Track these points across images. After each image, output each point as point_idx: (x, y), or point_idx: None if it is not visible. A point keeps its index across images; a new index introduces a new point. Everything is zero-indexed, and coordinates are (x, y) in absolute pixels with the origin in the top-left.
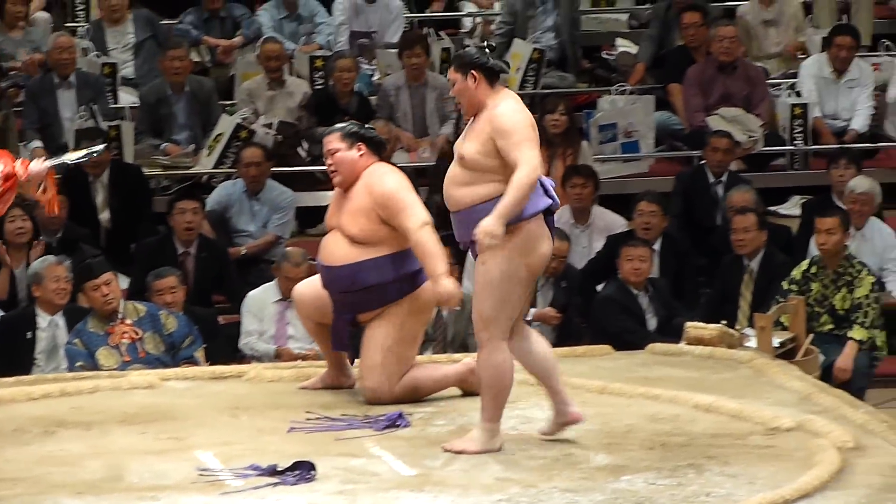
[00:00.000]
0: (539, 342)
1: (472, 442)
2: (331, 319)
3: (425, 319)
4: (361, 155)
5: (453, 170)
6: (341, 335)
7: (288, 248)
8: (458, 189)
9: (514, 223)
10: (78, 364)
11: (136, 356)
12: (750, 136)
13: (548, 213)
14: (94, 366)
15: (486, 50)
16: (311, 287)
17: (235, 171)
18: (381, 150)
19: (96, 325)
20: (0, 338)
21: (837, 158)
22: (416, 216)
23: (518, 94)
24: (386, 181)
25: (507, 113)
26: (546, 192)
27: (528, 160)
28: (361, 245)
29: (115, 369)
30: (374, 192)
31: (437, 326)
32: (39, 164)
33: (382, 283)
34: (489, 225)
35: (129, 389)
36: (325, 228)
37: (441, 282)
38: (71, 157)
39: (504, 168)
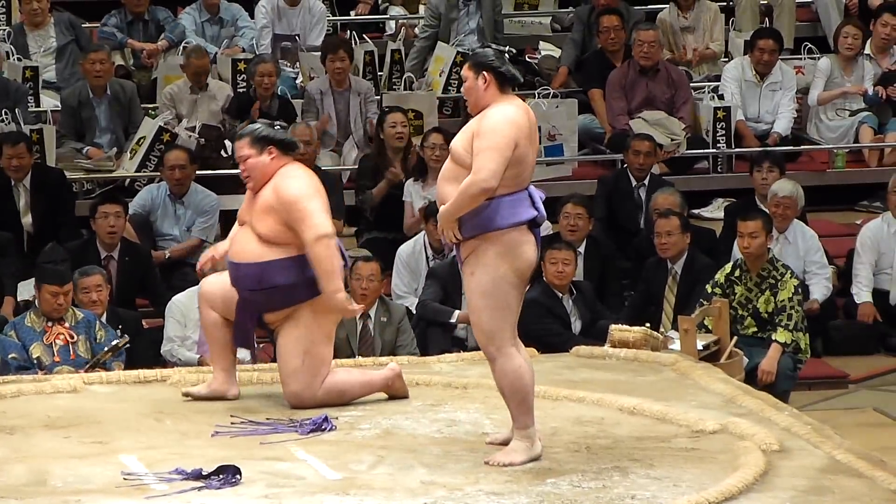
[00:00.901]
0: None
1: (516, 453)
2: (233, 315)
3: (336, 318)
4: (273, 158)
5: (445, 165)
6: (247, 333)
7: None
8: (445, 184)
9: (495, 231)
10: (11, 356)
11: (67, 358)
12: (672, 140)
13: (534, 224)
14: (26, 358)
15: (505, 55)
16: (220, 281)
17: (158, 174)
18: (291, 149)
19: (34, 322)
20: None
21: (760, 161)
22: (313, 227)
23: (441, 98)
24: (291, 186)
25: (493, 116)
26: (533, 203)
27: (481, 170)
28: (269, 244)
29: (46, 366)
30: (280, 195)
31: (364, 342)
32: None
33: (289, 283)
34: (440, 215)
35: (53, 393)
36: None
37: (332, 298)
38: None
39: None
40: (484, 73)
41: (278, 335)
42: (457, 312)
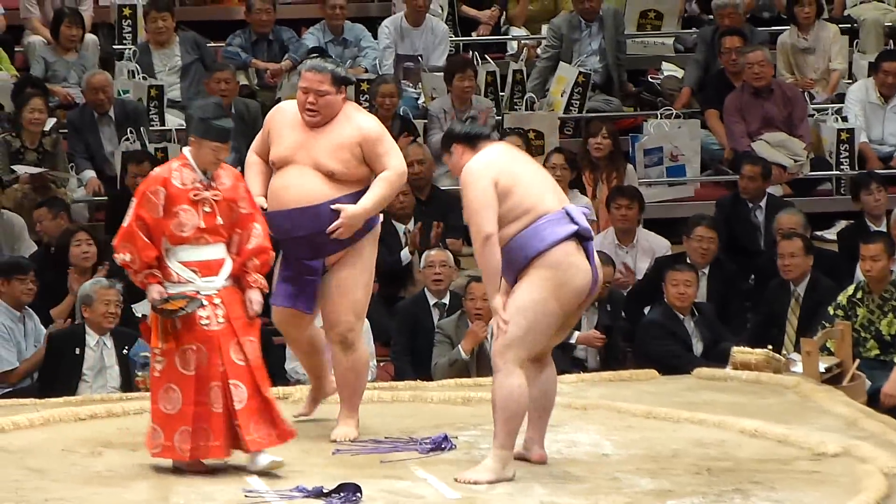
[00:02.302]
0: (551, 379)
1: (485, 471)
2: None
3: (376, 252)
4: (344, 98)
5: None
6: (314, 291)
7: None
8: None
9: (538, 255)
10: (143, 354)
11: None
12: (796, 161)
13: (582, 239)
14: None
15: (466, 120)
16: (287, 312)
17: None
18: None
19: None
20: (50, 352)
21: (868, 183)
22: (400, 158)
23: (562, 118)
24: (372, 123)
25: (461, 182)
26: (572, 219)
27: (472, 228)
28: (339, 182)
29: None
30: (365, 131)
31: (482, 363)
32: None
33: None
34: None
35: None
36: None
37: (360, 208)
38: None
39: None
40: (453, 146)
41: (336, 269)
42: (576, 333)
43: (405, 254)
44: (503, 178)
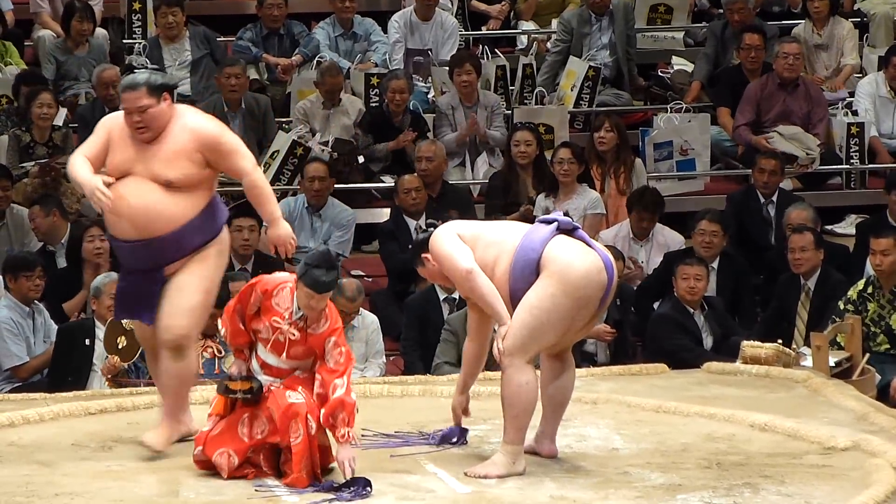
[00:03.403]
0: (570, 378)
1: (494, 466)
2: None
3: (225, 263)
4: (168, 104)
5: None
6: (156, 301)
7: (343, 280)
8: None
9: (536, 263)
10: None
11: (212, 372)
12: (808, 154)
13: (563, 232)
14: None
15: (428, 226)
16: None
17: (291, 188)
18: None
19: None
20: (60, 345)
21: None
22: (247, 156)
23: (572, 112)
24: (209, 124)
25: (438, 258)
26: (546, 221)
27: (454, 276)
28: (178, 191)
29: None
30: (201, 135)
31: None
32: None
33: (209, 229)
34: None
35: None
36: (376, 246)
37: (280, 224)
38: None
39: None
40: (422, 256)
41: (176, 275)
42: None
43: None
44: (465, 232)
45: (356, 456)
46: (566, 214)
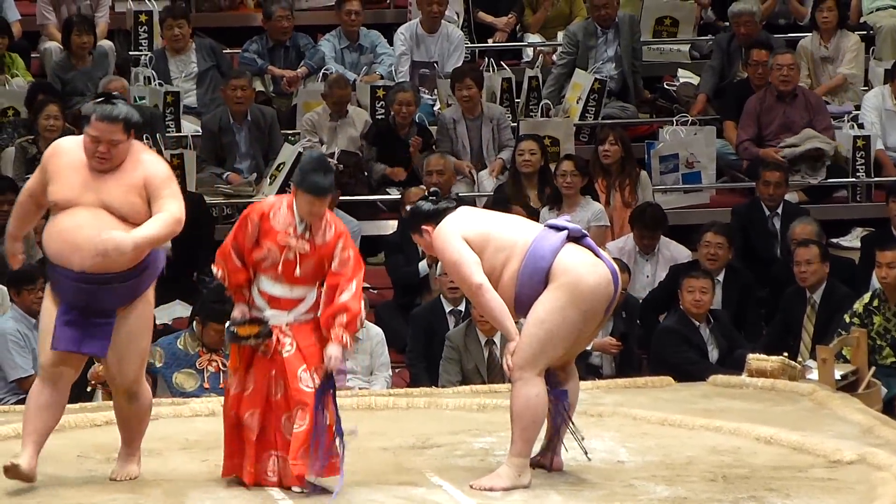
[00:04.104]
0: (574, 391)
1: (500, 478)
2: None
3: None
4: (130, 140)
5: None
6: (107, 333)
7: None
8: None
9: (545, 272)
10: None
11: (216, 386)
12: (829, 144)
13: (577, 240)
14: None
15: (431, 195)
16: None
17: None
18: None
19: (188, 345)
20: None
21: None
22: (179, 206)
23: (578, 125)
24: (161, 166)
25: (438, 251)
26: (557, 228)
27: (463, 285)
28: (129, 226)
29: (189, 394)
30: (153, 174)
31: (493, 369)
32: None
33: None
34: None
35: (191, 416)
36: (382, 258)
37: None
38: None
39: None
40: (422, 227)
41: (125, 315)
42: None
43: (423, 266)
44: (472, 233)
45: (342, 357)
46: None
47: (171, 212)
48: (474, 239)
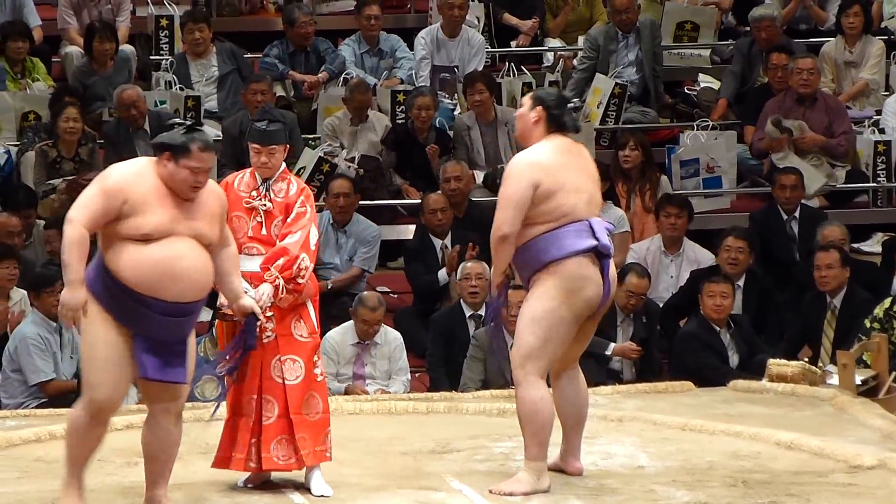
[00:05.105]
0: (582, 393)
1: (519, 483)
2: None
3: None
4: None
5: None
6: (185, 359)
7: (364, 293)
8: None
9: (552, 263)
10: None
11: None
12: (830, 176)
13: (599, 255)
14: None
15: (569, 103)
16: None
17: (317, 204)
18: None
19: (208, 350)
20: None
21: None
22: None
23: (599, 129)
24: (220, 189)
25: (512, 165)
26: (594, 233)
27: (495, 220)
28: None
29: (212, 400)
30: (222, 198)
31: None
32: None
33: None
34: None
35: (211, 421)
36: (401, 263)
37: (246, 298)
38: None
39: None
40: (538, 107)
41: (189, 341)
42: (612, 345)
43: (442, 274)
44: (546, 183)
45: (269, 297)
46: None
47: (234, 245)
48: (542, 190)
